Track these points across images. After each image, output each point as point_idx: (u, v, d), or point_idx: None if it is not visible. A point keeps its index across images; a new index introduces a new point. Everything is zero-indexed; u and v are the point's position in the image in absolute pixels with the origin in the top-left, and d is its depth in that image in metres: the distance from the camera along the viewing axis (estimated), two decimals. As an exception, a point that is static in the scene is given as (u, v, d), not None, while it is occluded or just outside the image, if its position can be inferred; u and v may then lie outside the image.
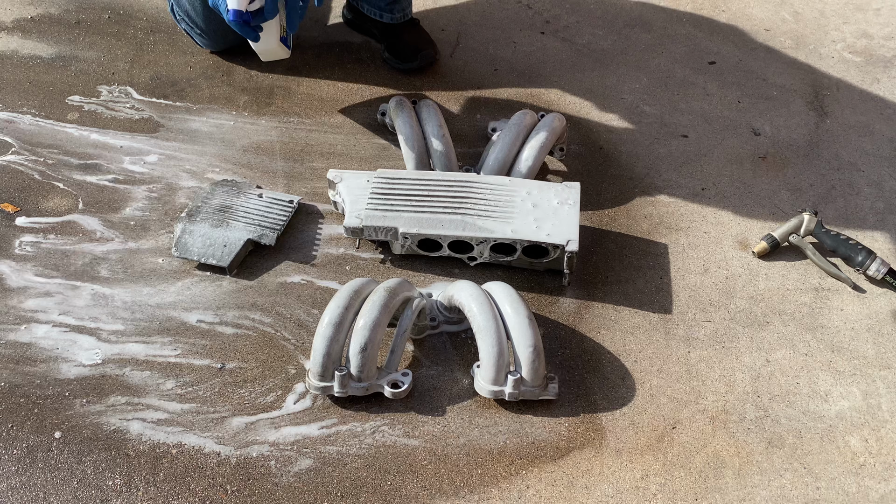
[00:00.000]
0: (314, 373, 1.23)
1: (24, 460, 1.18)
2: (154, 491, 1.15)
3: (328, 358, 1.21)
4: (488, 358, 1.22)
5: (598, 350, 1.33)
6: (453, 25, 1.99)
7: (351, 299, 1.25)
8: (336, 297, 1.26)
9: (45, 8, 2.00)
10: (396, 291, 1.26)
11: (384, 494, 1.15)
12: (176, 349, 1.33)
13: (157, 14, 1.99)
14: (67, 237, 1.49)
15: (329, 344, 1.21)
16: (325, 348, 1.21)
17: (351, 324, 1.24)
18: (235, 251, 1.42)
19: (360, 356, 1.21)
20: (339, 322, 1.22)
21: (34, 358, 1.31)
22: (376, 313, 1.22)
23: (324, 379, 1.22)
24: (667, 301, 1.40)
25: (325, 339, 1.22)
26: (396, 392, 1.23)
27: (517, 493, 1.16)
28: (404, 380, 1.25)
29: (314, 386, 1.23)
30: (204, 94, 1.79)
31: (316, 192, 1.58)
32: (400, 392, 1.23)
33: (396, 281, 1.29)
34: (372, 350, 1.21)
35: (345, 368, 1.22)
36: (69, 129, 1.70)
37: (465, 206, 1.41)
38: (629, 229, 1.52)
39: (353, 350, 1.21)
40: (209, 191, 1.53)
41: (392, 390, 1.23)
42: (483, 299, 1.26)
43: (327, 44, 1.92)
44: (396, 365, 1.27)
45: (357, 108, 1.76)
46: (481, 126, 1.73)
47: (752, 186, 1.61)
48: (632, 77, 1.87)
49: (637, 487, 1.16)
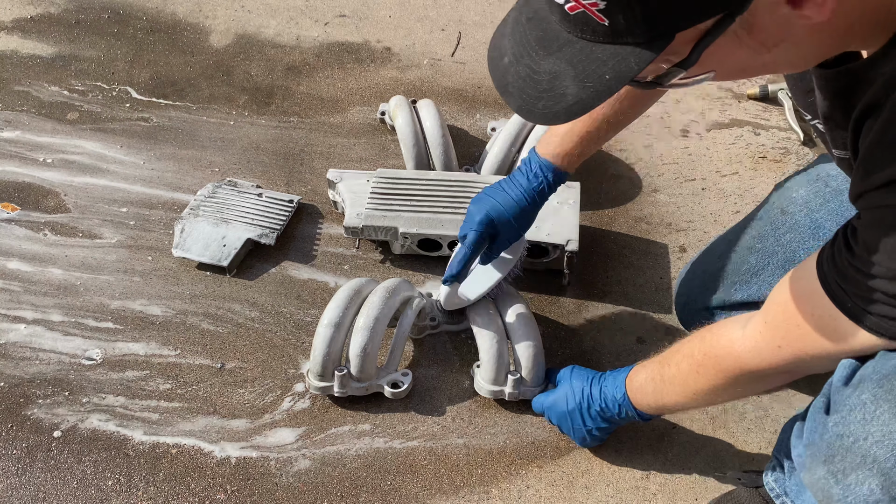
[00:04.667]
0: (314, 373, 1.22)
1: (24, 460, 1.18)
2: (154, 491, 1.15)
3: (328, 358, 1.21)
4: (488, 358, 1.22)
5: (598, 350, 1.33)
6: (453, 25, 1.99)
7: (351, 299, 1.25)
8: (336, 297, 1.25)
9: (45, 8, 2.00)
10: (396, 291, 1.26)
11: (384, 494, 1.15)
12: (175, 349, 1.32)
13: (157, 14, 1.99)
14: (67, 237, 1.49)
15: (329, 344, 1.21)
16: (325, 348, 1.21)
17: (351, 324, 1.24)
18: (235, 251, 1.42)
19: (360, 356, 1.20)
20: (339, 322, 1.22)
21: (33, 358, 1.31)
22: (376, 313, 1.22)
23: (324, 379, 1.22)
24: (667, 301, 1.40)
25: (324, 340, 1.21)
26: (396, 392, 1.23)
27: (517, 492, 1.16)
28: (404, 380, 1.25)
29: (314, 386, 1.23)
30: (204, 93, 1.79)
31: (316, 192, 1.58)
32: (400, 392, 1.23)
33: (396, 281, 1.29)
34: (372, 350, 1.21)
35: (344, 368, 1.21)
36: (69, 129, 1.70)
37: (465, 205, 1.41)
38: (629, 229, 1.52)
39: (353, 350, 1.21)
40: (209, 190, 1.53)
41: (392, 390, 1.23)
42: (483, 299, 1.26)
43: (327, 44, 1.92)
44: (396, 365, 1.26)
45: (357, 108, 1.76)
46: (481, 126, 1.72)
47: (752, 186, 1.61)
48: (632, 77, 1.87)
49: (637, 487, 1.16)
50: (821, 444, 0.80)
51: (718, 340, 0.93)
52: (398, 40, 1.94)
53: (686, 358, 0.97)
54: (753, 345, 0.88)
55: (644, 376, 1.04)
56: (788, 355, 0.84)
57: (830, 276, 0.76)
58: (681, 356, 0.98)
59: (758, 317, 0.88)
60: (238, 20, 1.98)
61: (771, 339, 0.86)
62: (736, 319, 0.93)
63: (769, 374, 0.89)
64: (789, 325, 0.83)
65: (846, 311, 0.76)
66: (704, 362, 0.94)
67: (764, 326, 0.87)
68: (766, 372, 0.88)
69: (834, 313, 0.77)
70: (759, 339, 0.87)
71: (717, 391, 0.95)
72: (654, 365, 1.03)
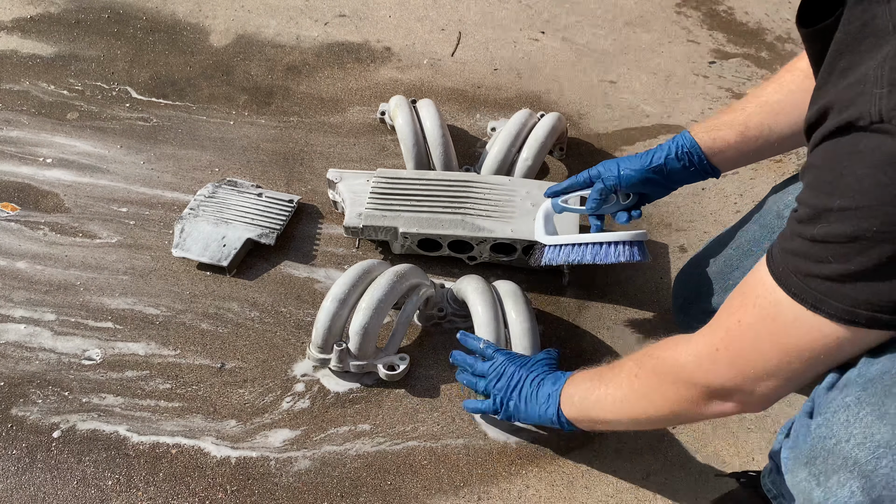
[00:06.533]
0: (315, 344, 1.26)
1: (24, 460, 1.18)
2: (154, 491, 1.15)
3: (329, 332, 1.24)
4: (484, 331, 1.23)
5: (598, 350, 1.33)
6: (453, 25, 1.99)
7: (359, 278, 1.27)
8: (345, 275, 1.28)
9: (45, 8, 2.00)
10: (405, 277, 1.28)
11: (384, 494, 1.15)
12: (175, 349, 1.32)
13: (157, 14, 1.99)
14: (66, 236, 1.49)
15: (331, 318, 1.24)
16: (328, 321, 1.24)
17: (356, 302, 1.25)
18: (235, 251, 1.42)
19: (359, 334, 1.22)
20: (344, 299, 1.24)
21: (33, 357, 1.31)
22: (380, 294, 1.23)
23: (323, 351, 1.26)
24: (667, 301, 1.40)
25: (328, 313, 1.24)
26: (392, 374, 1.24)
27: (517, 492, 1.16)
28: (401, 363, 1.26)
29: (314, 357, 1.26)
30: (203, 93, 1.79)
31: (316, 192, 1.58)
32: (395, 374, 1.24)
33: (407, 266, 1.30)
34: (371, 329, 1.22)
35: (343, 343, 1.24)
36: (68, 129, 1.70)
37: (465, 205, 1.41)
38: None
39: (353, 327, 1.23)
40: (209, 190, 1.52)
41: (387, 372, 1.25)
42: (487, 295, 1.26)
43: (327, 44, 1.92)
44: (395, 349, 1.28)
45: (357, 108, 1.76)
46: (481, 126, 1.72)
47: (752, 186, 1.61)
48: (632, 77, 1.87)
49: (637, 487, 1.16)
50: (803, 446, 0.78)
51: (664, 347, 0.90)
52: (398, 40, 1.94)
53: (629, 361, 0.95)
54: (693, 348, 0.85)
55: (581, 378, 1.02)
56: (726, 361, 0.80)
57: (775, 249, 0.74)
58: (624, 360, 0.96)
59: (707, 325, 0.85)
60: (238, 20, 1.98)
61: (710, 342, 0.82)
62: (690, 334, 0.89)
63: (707, 391, 0.84)
64: (730, 322, 0.79)
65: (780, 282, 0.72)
66: (643, 363, 0.91)
67: (706, 329, 0.84)
68: (703, 386, 0.84)
69: (776, 296, 0.73)
70: (699, 342, 0.84)
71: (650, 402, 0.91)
72: (594, 370, 1.01)
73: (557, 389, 1.05)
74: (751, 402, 0.83)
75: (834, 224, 0.66)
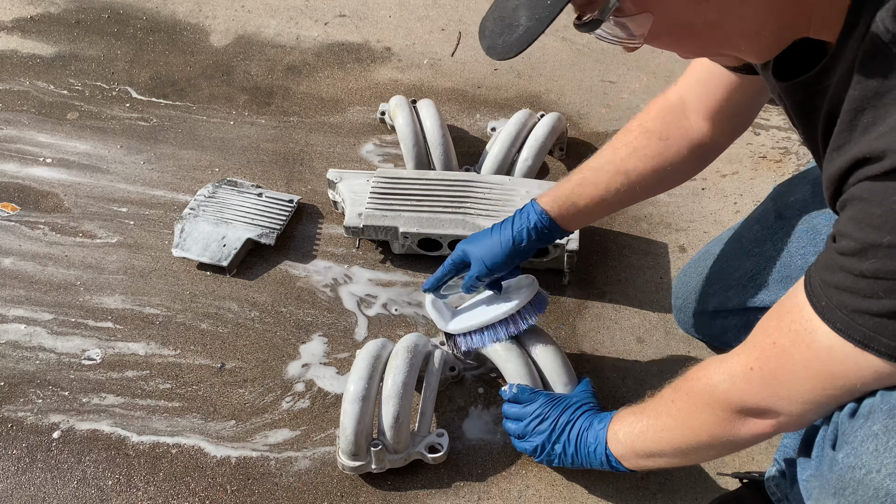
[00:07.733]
0: (346, 452, 1.12)
1: (24, 460, 1.18)
2: (154, 491, 1.15)
3: (360, 435, 1.11)
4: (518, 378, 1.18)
5: (598, 350, 1.33)
6: (453, 25, 1.99)
7: (372, 368, 1.15)
8: (355, 369, 1.15)
9: (45, 8, 2.00)
10: (417, 349, 1.19)
11: (384, 494, 1.15)
12: (175, 349, 1.32)
13: (157, 14, 1.99)
14: (66, 236, 1.49)
15: (358, 420, 1.10)
16: (356, 425, 1.10)
17: (377, 393, 1.15)
18: (235, 251, 1.42)
19: (393, 427, 1.11)
20: (365, 395, 1.12)
21: (33, 357, 1.31)
22: (403, 377, 1.14)
23: (357, 458, 1.12)
24: (667, 301, 1.40)
25: (353, 416, 1.10)
26: (437, 457, 1.16)
27: (517, 492, 1.16)
28: (441, 441, 1.16)
29: (347, 466, 1.13)
30: (203, 93, 1.79)
31: (316, 192, 1.58)
32: (440, 456, 1.16)
33: (412, 337, 1.22)
34: (405, 418, 1.12)
35: (379, 442, 1.12)
36: (68, 129, 1.70)
37: (465, 205, 1.41)
38: (629, 229, 1.52)
39: (386, 421, 1.12)
40: (209, 190, 1.53)
41: (432, 455, 1.15)
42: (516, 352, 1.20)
43: (327, 44, 1.92)
44: (429, 427, 1.18)
45: (357, 108, 1.76)
46: (481, 126, 1.73)
47: (752, 186, 1.61)
48: (632, 77, 1.87)
49: (637, 487, 1.16)
50: (830, 476, 0.77)
51: (697, 369, 0.90)
52: (398, 40, 1.94)
53: (667, 388, 0.94)
54: (727, 368, 0.84)
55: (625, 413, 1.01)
56: (759, 380, 0.80)
57: (814, 279, 0.73)
58: (664, 389, 0.95)
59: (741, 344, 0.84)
60: (238, 20, 1.98)
61: (744, 362, 0.81)
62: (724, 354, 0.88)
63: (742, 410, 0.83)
64: (765, 342, 0.79)
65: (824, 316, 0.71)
66: (679, 387, 0.91)
67: (740, 348, 0.83)
68: (737, 405, 0.83)
69: (813, 324, 0.73)
70: (733, 361, 0.83)
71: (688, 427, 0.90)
72: (637, 405, 1.00)
73: (603, 428, 1.03)
74: (786, 423, 0.82)
75: (883, 260, 0.66)
